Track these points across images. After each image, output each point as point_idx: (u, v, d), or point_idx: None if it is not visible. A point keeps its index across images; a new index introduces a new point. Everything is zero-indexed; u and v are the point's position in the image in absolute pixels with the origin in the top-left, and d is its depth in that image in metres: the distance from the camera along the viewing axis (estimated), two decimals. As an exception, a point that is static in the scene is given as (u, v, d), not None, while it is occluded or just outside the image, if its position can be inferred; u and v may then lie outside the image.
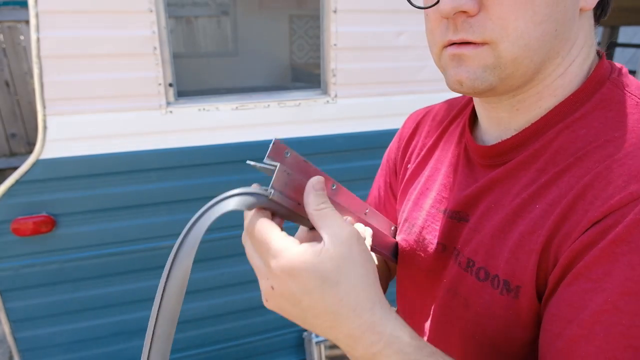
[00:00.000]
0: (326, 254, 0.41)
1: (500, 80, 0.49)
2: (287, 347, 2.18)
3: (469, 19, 0.47)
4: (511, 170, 0.54)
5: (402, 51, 1.86)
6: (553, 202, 0.48)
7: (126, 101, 1.60)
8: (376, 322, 0.42)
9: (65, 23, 1.46)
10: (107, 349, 1.88)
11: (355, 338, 0.42)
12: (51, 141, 1.55)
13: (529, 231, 0.49)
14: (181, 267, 0.45)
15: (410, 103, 1.96)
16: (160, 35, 1.56)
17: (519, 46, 0.47)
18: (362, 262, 0.43)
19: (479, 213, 0.57)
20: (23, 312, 1.71)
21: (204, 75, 2.85)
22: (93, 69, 1.53)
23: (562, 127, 0.51)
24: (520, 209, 0.51)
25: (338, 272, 0.41)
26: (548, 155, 0.51)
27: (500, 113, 0.57)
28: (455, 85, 0.52)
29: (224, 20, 3.29)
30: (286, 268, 0.41)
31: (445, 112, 0.73)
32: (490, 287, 0.52)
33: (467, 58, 0.49)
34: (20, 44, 4.16)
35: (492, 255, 0.53)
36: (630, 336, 0.39)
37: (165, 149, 1.69)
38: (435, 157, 0.70)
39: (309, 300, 0.42)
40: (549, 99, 0.53)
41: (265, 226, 0.44)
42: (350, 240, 0.43)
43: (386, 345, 0.42)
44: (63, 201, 1.63)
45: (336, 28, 1.74)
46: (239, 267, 1.95)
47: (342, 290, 0.41)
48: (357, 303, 0.42)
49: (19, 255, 1.63)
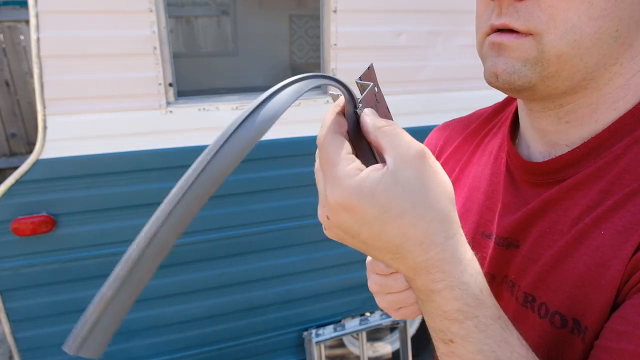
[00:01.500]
0: (389, 180, 0.35)
1: (541, 79, 0.44)
2: (287, 347, 2.18)
3: (516, 3, 0.42)
4: (568, 190, 0.47)
5: (402, 51, 1.86)
6: (625, 228, 0.41)
7: (126, 101, 1.60)
8: (444, 260, 0.37)
9: (65, 23, 1.46)
10: (107, 349, 1.87)
11: (417, 271, 0.38)
12: (51, 141, 1.55)
13: (596, 262, 0.43)
14: (246, 138, 0.34)
15: (410, 103, 1.96)
16: (160, 35, 1.56)
17: (567, 41, 0.41)
18: (431, 188, 0.36)
19: (532, 239, 0.50)
20: (23, 312, 1.71)
21: (204, 75, 2.85)
22: (93, 69, 1.53)
23: (630, 142, 0.44)
24: (582, 235, 0.45)
25: (402, 200, 0.35)
26: (614, 175, 0.44)
27: (545, 125, 0.51)
28: (490, 77, 0.46)
29: (224, 20, 3.29)
30: (340, 200, 0.36)
31: (479, 124, 0.67)
32: (554, 326, 0.46)
33: (507, 48, 0.44)
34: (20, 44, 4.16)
35: (553, 289, 0.46)
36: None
37: (165, 148, 1.69)
38: (471, 174, 0.63)
39: (369, 232, 0.37)
40: (607, 113, 0.46)
41: (337, 143, 0.37)
42: (417, 161, 0.36)
43: (447, 287, 0.37)
44: (63, 201, 1.63)
45: (336, 28, 1.74)
46: (239, 267, 1.95)
47: (406, 222, 0.36)
48: (424, 236, 0.36)
49: (19, 255, 1.63)
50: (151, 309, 1.88)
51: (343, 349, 2.52)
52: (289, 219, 1.95)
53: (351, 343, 2.48)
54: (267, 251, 1.98)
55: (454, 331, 0.38)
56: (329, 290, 2.14)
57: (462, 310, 0.38)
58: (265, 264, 1.99)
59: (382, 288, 0.54)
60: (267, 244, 1.97)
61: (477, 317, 0.38)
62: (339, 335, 2.17)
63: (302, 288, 2.09)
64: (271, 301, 2.06)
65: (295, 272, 2.06)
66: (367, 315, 2.27)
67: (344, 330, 2.18)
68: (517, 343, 0.39)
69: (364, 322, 2.21)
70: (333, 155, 0.37)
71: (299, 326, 2.16)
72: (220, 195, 1.82)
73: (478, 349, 0.38)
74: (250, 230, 1.92)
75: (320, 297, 2.14)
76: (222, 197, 1.83)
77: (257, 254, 1.97)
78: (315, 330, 2.14)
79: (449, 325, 0.38)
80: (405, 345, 2.32)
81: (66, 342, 0.32)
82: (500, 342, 0.38)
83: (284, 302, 2.09)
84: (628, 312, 0.38)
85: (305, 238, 2.01)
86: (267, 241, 1.96)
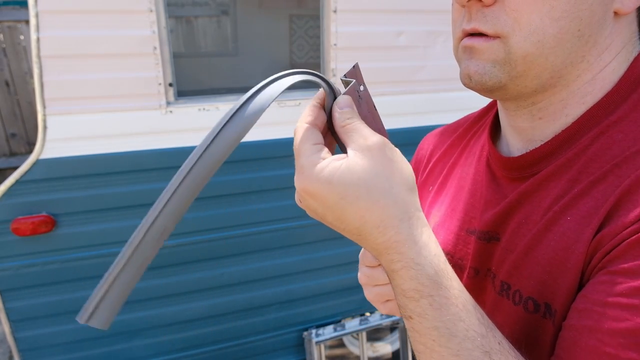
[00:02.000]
0: (345, 168, 0.39)
1: (511, 79, 0.47)
2: (287, 347, 2.18)
3: (484, 8, 0.45)
4: (541, 181, 0.50)
5: (402, 51, 1.86)
6: (588, 213, 0.44)
7: (126, 101, 1.60)
8: (400, 242, 0.40)
9: (65, 23, 1.46)
10: (107, 349, 1.88)
11: (379, 252, 0.42)
12: (51, 141, 1.55)
13: (562, 247, 0.45)
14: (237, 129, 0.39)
15: (410, 103, 1.96)
16: (160, 35, 1.56)
17: (531, 42, 0.44)
18: (386, 175, 0.40)
19: (510, 231, 0.53)
20: (23, 312, 1.71)
21: (204, 75, 2.85)
22: (93, 69, 1.53)
23: (597, 133, 0.47)
24: (551, 222, 0.47)
25: (358, 187, 0.39)
26: (581, 164, 0.47)
27: (520, 122, 0.53)
28: (465, 79, 0.50)
29: (224, 20, 3.29)
30: (303, 186, 0.41)
31: (465, 128, 0.69)
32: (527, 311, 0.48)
33: (477, 51, 0.47)
34: (20, 44, 4.16)
35: (527, 276, 0.49)
36: (637, 333, 0.37)
37: (165, 148, 1.69)
38: (458, 176, 0.66)
39: (332, 216, 0.41)
40: (576, 107, 0.49)
41: (305, 134, 0.42)
42: (373, 152, 0.40)
43: (404, 267, 0.40)
44: (63, 201, 1.63)
45: (336, 28, 1.74)
46: (239, 267, 1.95)
47: (362, 206, 0.40)
48: (380, 220, 0.40)
49: (19, 255, 1.63)
50: (151, 309, 1.88)
51: (343, 349, 2.52)
52: (289, 219, 1.95)
53: (351, 343, 2.48)
54: (267, 251, 1.98)
55: (411, 308, 0.41)
56: (328, 290, 2.14)
57: (417, 290, 0.40)
58: (265, 264, 1.99)
59: (369, 280, 0.58)
60: (267, 244, 1.97)
61: (431, 296, 0.40)
62: (339, 335, 2.17)
63: (302, 288, 2.09)
64: (271, 301, 2.06)
65: (295, 272, 2.06)
66: (367, 315, 2.27)
67: (344, 330, 2.18)
68: (475, 322, 0.41)
69: (364, 322, 2.21)
70: (300, 144, 0.42)
71: (299, 326, 2.16)
72: (221, 196, 1.82)
73: (433, 325, 0.40)
74: (250, 230, 1.92)
75: (320, 297, 2.14)
76: (222, 197, 1.83)
77: (257, 254, 1.97)
78: (315, 330, 2.14)
79: (407, 303, 0.41)
80: (405, 345, 2.32)
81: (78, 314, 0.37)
82: (456, 320, 0.40)
83: (284, 302, 2.09)
84: (588, 291, 0.41)
85: (305, 238, 2.01)
86: (267, 241, 1.96)
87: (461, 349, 0.40)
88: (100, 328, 0.37)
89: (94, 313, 0.37)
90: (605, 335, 0.38)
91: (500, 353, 0.40)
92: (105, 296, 0.37)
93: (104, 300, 0.37)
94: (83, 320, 0.37)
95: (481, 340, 0.40)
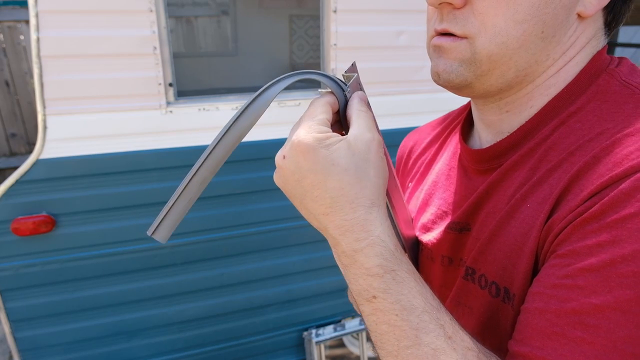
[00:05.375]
0: (345, 144, 0.43)
1: (476, 77, 0.49)
2: (287, 347, 2.18)
3: (455, 11, 0.48)
4: (507, 171, 0.53)
5: (402, 51, 1.86)
6: (543, 199, 0.46)
7: (126, 101, 1.60)
8: (369, 221, 0.43)
9: (65, 23, 1.46)
10: (107, 349, 1.88)
11: (343, 230, 0.43)
12: (51, 141, 1.55)
13: (521, 233, 0.48)
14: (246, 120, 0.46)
15: (410, 103, 1.96)
16: (160, 35, 1.56)
17: (496, 43, 0.47)
18: (374, 165, 0.44)
19: (480, 221, 0.55)
20: (23, 312, 1.71)
21: (204, 75, 2.85)
22: (93, 69, 1.53)
23: (557, 123, 0.49)
24: (513, 210, 0.50)
25: (349, 161, 0.43)
26: (541, 153, 0.49)
27: (489, 116, 0.56)
28: (434, 76, 0.52)
29: (224, 20, 3.29)
30: (305, 141, 0.43)
31: (445, 125, 0.72)
32: (491, 295, 0.51)
33: (446, 50, 0.50)
34: (20, 44, 4.16)
35: (490, 261, 0.51)
36: (582, 312, 0.38)
37: (165, 149, 1.69)
38: (435, 171, 0.69)
39: (313, 178, 0.43)
40: (540, 99, 0.51)
41: (323, 107, 0.47)
42: (371, 143, 0.45)
43: (370, 244, 0.43)
44: (63, 201, 1.63)
45: (336, 28, 1.74)
46: (239, 267, 1.95)
47: (346, 179, 0.43)
48: (356, 196, 0.43)
49: (19, 255, 1.63)
50: (151, 309, 1.88)
51: (343, 349, 2.52)
52: (289, 219, 1.95)
53: (351, 343, 2.48)
54: (267, 251, 1.98)
55: (375, 286, 0.43)
56: (328, 290, 2.14)
57: (382, 265, 0.43)
58: (265, 264, 1.99)
59: None
60: (267, 244, 1.97)
61: (394, 271, 0.43)
62: (339, 335, 2.17)
63: (302, 288, 2.09)
64: (271, 301, 2.06)
65: (295, 272, 2.06)
66: (367, 315, 2.26)
67: (344, 330, 2.18)
68: (430, 295, 0.44)
69: (364, 322, 2.21)
70: (317, 110, 0.46)
71: (299, 326, 2.16)
72: (221, 196, 1.83)
73: (396, 299, 0.42)
74: (250, 230, 1.92)
75: (320, 297, 2.14)
76: (222, 197, 1.83)
77: (257, 254, 1.97)
78: (315, 330, 2.14)
79: (371, 281, 0.43)
80: (405, 345, 2.32)
81: (148, 229, 0.47)
82: (415, 293, 0.43)
83: (284, 302, 2.09)
84: (541, 275, 0.43)
85: (305, 238, 2.01)
86: (267, 241, 1.96)
87: (420, 322, 0.42)
88: (161, 241, 0.47)
89: (157, 229, 0.47)
90: (554, 316, 0.40)
91: (451, 326, 0.42)
92: (166, 216, 0.47)
93: (165, 219, 0.47)
94: (149, 233, 0.47)
95: (436, 313, 0.42)
